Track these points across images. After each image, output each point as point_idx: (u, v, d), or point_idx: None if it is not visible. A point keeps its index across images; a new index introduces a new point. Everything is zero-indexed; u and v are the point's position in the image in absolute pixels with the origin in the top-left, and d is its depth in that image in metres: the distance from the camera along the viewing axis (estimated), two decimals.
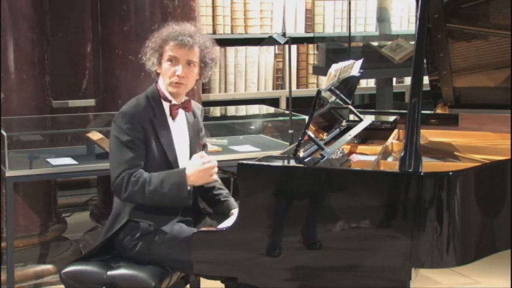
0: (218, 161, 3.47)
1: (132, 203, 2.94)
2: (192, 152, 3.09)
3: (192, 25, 3.09)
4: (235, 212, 2.99)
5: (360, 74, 3.40)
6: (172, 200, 2.90)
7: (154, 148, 2.96)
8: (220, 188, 3.21)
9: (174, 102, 3.04)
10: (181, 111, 3.08)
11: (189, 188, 2.89)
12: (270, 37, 4.47)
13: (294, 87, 5.73)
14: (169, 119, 3.04)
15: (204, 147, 3.22)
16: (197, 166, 2.91)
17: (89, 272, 2.92)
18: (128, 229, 2.96)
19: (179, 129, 3.07)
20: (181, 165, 3.02)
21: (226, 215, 3.07)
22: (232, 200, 3.16)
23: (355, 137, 3.38)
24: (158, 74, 3.05)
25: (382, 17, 6.24)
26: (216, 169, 2.96)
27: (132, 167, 2.91)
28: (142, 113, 2.96)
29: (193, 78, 3.03)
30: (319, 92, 2.73)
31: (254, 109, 5.61)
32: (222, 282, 2.89)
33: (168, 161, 2.99)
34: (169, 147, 3.00)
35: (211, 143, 4.43)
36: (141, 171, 2.91)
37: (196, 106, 3.20)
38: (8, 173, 3.81)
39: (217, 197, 3.17)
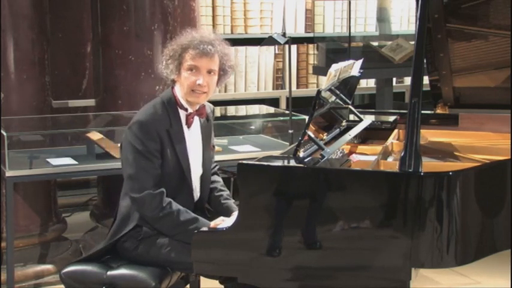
0: (218, 161, 3.47)
1: (148, 220, 2.93)
2: (204, 157, 3.09)
3: (211, 32, 3.04)
4: (232, 215, 3.00)
5: (360, 74, 3.40)
6: (181, 238, 2.88)
7: (169, 157, 2.94)
8: (221, 190, 3.20)
9: (190, 110, 3.00)
10: (195, 118, 3.05)
11: None
12: (270, 37, 4.47)
13: (294, 87, 5.74)
14: (185, 127, 3.01)
15: (213, 148, 3.22)
16: None
17: (89, 272, 2.92)
18: (131, 232, 2.96)
19: (193, 137, 3.05)
20: (193, 171, 3.02)
21: (224, 215, 3.06)
22: (231, 202, 3.16)
23: (355, 137, 3.38)
24: (174, 82, 3.00)
25: (382, 17, 6.24)
26: None
27: (155, 184, 2.88)
28: (159, 123, 2.91)
29: (213, 87, 2.98)
30: (319, 92, 2.73)
31: (254, 109, 5.61)
32: (221, 283, 2.89)
33: (182, 170, 2.97)
34: (183, 156, 2.97)
35: None
36: (169, 200, 2.89)
37: (208, 107, 3.16)
38: (8, 173, 3.81)
39: (218, 198, 3.17)
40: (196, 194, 3.08)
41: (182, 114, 3.00)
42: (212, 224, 2.90)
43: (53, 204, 4.54)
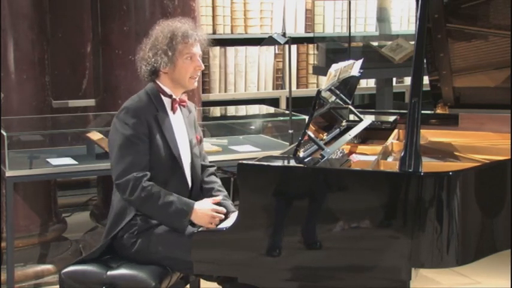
0: (218, 161, 3.47)
1: (131, 205, 2.95)
2: (191, 143, 3.14)
3: (186, 20, 3.14)
4: (232, 215, 3.00)
5: (360, 74, 3.40)
6: (169, 222, 2.92)
7: (159, 142, 2.99)
8: (219, 190, 3.21)
9: (174, 96, 3.09)
10: (177, 105, 3.13)
11: (188, 220, 2.90)
12: (270, 37, 4.47)
13: (294, 87, 5.73)
14: (170, 114, 3.08)
15: (200, 141, 3.25)
16: (206, 210, 2.94)
17: (89, 272, 2.92)
18: (127, 227, 2.97)
19: (178, 123, 3.12)
20: (183, 157, 3.05)
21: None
22: (229, 203, 3.16)
23: (355, 137, 3.38)
24: (155, 75, 3.07)
25: (382, 17, 6.23)
26: (217, 220, 2.95)
27: (140, 169, 2.92)
28: (146, 108, 3.00)
29: None
30: (319, 92, 2.73)
31: (254, 109, 5.60)
32: (219, 284, 2.89)
33: (172, 154, 3.02)
34: (172, 140, 3.03)
35: (211, 143, 4.42)
36: (151, 183, 2.92)
37: (190, 103, 3.26)
38: (8, 173, 3.81)
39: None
40: (189, 182, 3.10)
41: (166, 101, 3.08)
42: (197, 207, 2.91)
43: (53, 204, 4.54)
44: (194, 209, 2.92)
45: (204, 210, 2.93)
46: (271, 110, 5.19)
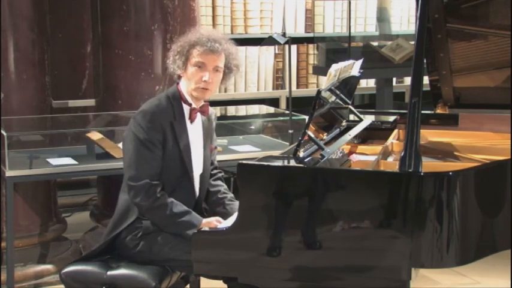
0: (218, 161, 3.47)
1: (141, 212, 2.94)
2: (204, 155, 3.11)
3: (218, 31, 3.10)
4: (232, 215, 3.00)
5: (360, 74, 3.40)
6: (174, 229, 2.90)
7: (171, 149, 2.96)
8: (225, 192, 3.20)
9: (194, 105, 3.05)
10: (198, 114, 3.09)
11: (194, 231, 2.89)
12: (270, 37, 4.47)
13: (294, 87, 5.74)
14: (188, 122, 3.04)
15: (214, 150, 3.24)
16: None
17: (89, 272, 2.92)
18: (131, 228, 2.96)
19: (195, 133, 3.08)
20: (194, 167, 3.04)
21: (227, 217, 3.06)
22: (236, 204, 3.13)
23: (355, 137, 3.38)
24: (180, 77, 3.05)
25: (382, 17, 6.24)
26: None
27: (155, 176, 2.90)
28: (163, 114, 2.96)
29: (217, 84, 3.05)
30: (319, 92, 2.73)
31: (254, 109, 5.61)
32: (224, 282, 2.89)
33: (183, 163, 2.99)
34: (185, 149, 3.00)
35: None
36: (163, 193, 2.91)
37: (211, 111, 3.21)
38: (8, 173, 3.81)
39: (222, 200, 3.16)
40: (196, 192, 3.09)
41: (186, 108, 3.04)
42: (205, 221, 2.91)
43: (53, 204, 4.54)
44: (202, 223, 2.90)
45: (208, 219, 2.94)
46: (271, 110, 5.20)
